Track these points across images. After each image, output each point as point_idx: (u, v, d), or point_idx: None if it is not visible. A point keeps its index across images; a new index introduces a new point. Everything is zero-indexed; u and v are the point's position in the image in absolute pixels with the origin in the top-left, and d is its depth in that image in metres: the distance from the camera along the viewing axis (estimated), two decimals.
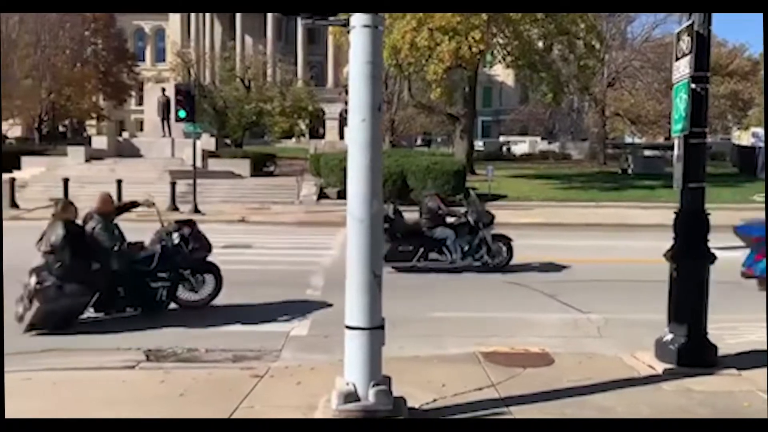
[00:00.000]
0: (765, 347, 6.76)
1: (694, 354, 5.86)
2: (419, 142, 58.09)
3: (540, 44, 30.18)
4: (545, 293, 10.01)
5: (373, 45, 4.32)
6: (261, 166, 33.17)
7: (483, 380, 5.61)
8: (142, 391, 5.48)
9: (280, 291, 9.98)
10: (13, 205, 22.18)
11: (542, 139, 55.40)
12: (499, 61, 31.52)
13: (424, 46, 26.32)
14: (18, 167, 28.94)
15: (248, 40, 70.99)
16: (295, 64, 67.88)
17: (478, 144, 47.66)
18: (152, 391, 5.44)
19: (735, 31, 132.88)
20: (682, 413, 4.94)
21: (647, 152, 36.61)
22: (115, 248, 7.97)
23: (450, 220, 12.00)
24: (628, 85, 44.35)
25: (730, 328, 7.61)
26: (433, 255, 11.59)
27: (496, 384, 5.51)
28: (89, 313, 7.98)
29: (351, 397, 4.48)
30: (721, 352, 6.14)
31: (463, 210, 12.22)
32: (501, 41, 29.10)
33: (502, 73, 57.02)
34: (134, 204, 9.00)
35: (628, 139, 53.80)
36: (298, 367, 6.20)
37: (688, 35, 5.80)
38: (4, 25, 43.05)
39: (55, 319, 7.48)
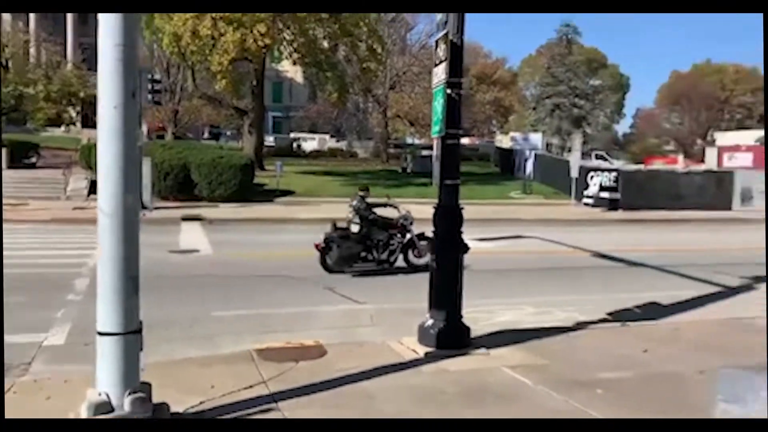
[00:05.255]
0: (513, 327, 7.62)
1: (451, 337, 6.38)
2: (206, 134, 55.98)
3: (325, 44, 30.73)
4: (324, 286, 10.22)
5: (125, 26, 4.00)
6: (21, 156, 29.64)
7: (254, 378, 5.54)
8: None
9: (36, 297, 8.96)
10: None
11: (331, 136, 56.68)
12: (286, 57, 31.54)
13: (207, 35, 25.42)
14: None
15: (5, 15, 62.58)
16: (65, 45, 61.51)
17: (269, 139, 47.30)
18: None
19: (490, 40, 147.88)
20: (438, 393, 5.34)
21: (425, 152, 39.25)
22: None
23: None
24: (408, 89, 47.18)
25: (486, 311, 8.42)
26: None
27: (267, 380, 5.47)
28: None
29: (103, 407, 4.12)
30: (476, 333, 6.77)
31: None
32: (287, 37, 29.11)
33: (291, 70, 57.14)
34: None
35: (409, 140, 57.27)
36: (48, 380, 5.61)
37: (444, 43, 6.26)
38: None
39: None
